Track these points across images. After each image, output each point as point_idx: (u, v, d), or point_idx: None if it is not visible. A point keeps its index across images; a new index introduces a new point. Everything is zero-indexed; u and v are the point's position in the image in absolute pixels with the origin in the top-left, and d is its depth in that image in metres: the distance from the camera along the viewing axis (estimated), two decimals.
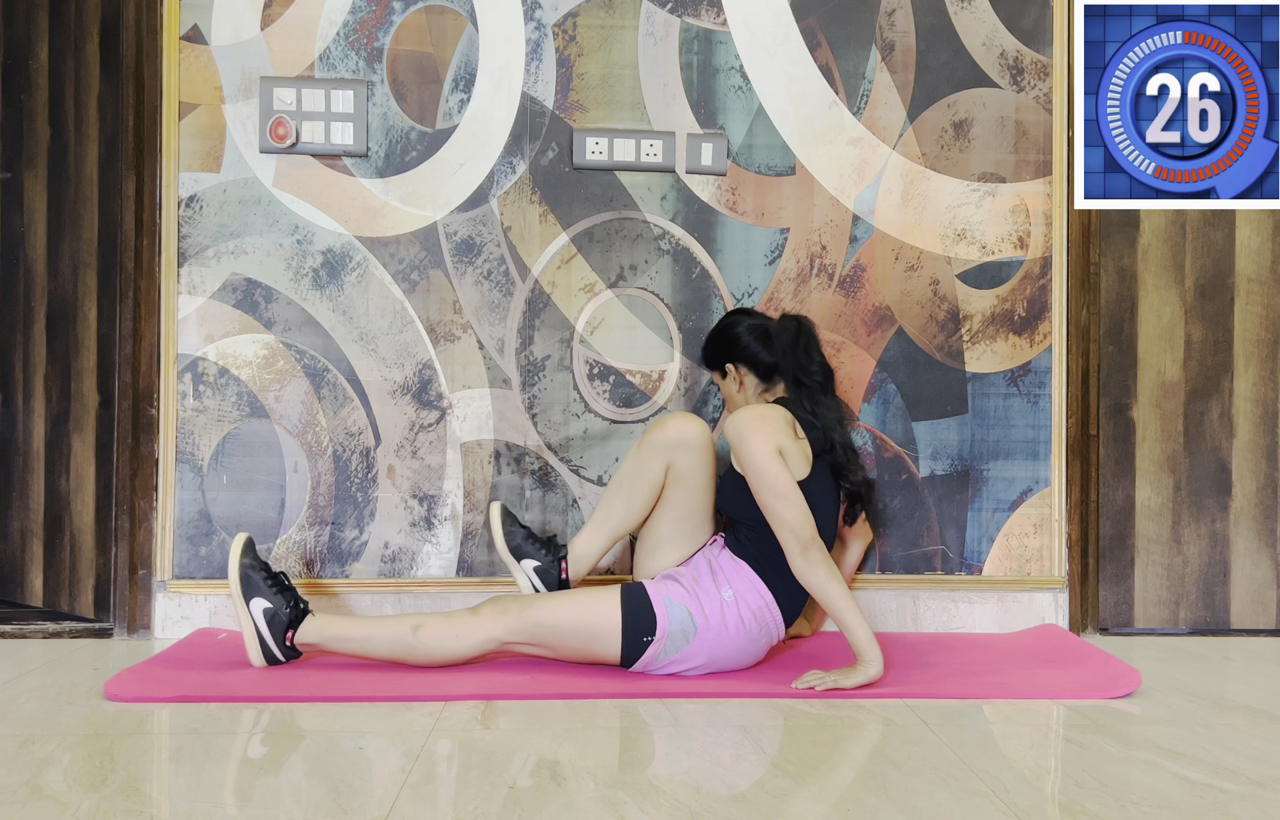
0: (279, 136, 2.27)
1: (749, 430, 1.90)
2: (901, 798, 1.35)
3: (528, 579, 2.07)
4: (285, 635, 1.93)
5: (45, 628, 2.24)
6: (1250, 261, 2.43)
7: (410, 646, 1.91)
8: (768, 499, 1.87)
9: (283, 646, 1.93)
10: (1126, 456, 2.41)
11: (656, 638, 1.89)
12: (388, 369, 2.31)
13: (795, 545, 1.86)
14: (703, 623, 1.90)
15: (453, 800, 1.33)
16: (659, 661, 1.91)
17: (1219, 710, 1.78)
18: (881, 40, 2.37)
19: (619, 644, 1.90)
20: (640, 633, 1.89)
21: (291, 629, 1.93)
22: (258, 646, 1.93)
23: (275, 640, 1.93)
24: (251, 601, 1.93)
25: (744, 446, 1.90)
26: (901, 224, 2.38)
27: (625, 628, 1.90)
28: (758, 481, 1.88)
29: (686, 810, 1.29)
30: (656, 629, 1.89)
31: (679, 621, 1.89)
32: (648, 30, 2.34)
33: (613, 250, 2.35)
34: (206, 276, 2.28)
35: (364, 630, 1.94)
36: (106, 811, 1.27)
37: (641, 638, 1.89)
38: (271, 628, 1.93)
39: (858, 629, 1.84)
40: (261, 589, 1.94)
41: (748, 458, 1.89)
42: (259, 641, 1.93)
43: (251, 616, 1.93)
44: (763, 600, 1.94)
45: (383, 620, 1.96)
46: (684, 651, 1.90)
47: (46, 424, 2.36)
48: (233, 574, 1.94)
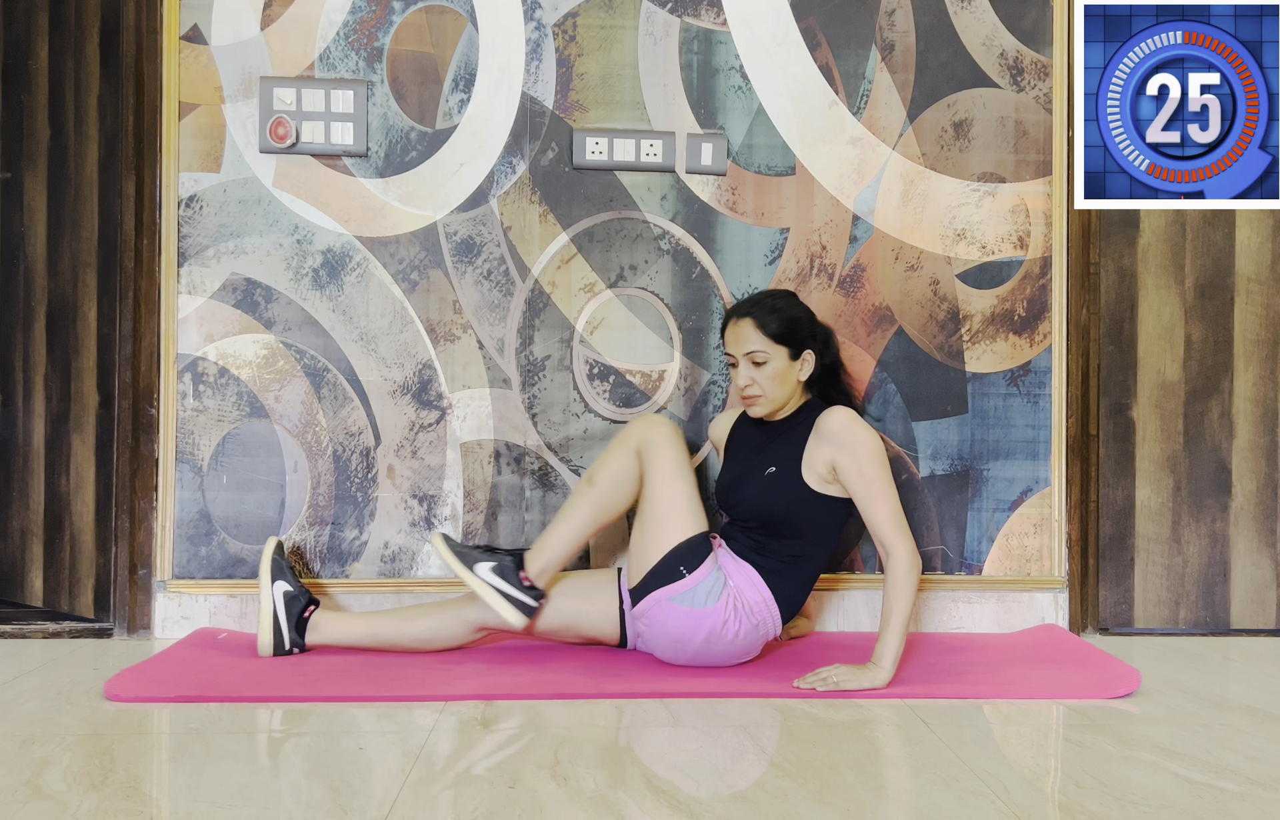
0: (279, 136, 2.27)
1: (864, 429, 1.95)
2: (901, 798, 1.35)
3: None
4: (295, 624, 2.05)
5: (45, 628, 2.24)
6: (1250, 261, 2.43)
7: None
8: (886, 491, 1.91)
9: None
10: (1126, 456, 2.41)
11: (694, 575, 1.91)
12: (388, 369, 2.31)
13: (909, 541, 1.89)
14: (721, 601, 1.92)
15: (453, 800, 1.33)
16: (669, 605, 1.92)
17: (1219, 710, 1.78)
18: (881, 40, 2.37)
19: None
20: (682, 562, 1.92)
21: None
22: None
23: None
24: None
25: (860, 444, 1.93)
26: (901, 224, 2.38)
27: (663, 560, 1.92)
28: (877, 476, 1.91)
29: (686, 810, 1.29)
30: (700, 569, 1.91)
31: (710, 582, 1.92)
32: (648, 30, 2.34)
33: (613, 250, 2.35)
34: (206, 276, 2.28)
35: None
36: (106, 811, 1.27)
37: (679, 567, 1.92)
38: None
39: (897, 642, 1.86)
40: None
41: (867, 456, 1.92)
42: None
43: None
44: (760, 597, 1.95)
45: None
46: (698, 612, 1.91)
47: (46, 424, 2.36)
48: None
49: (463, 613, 2.03)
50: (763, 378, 2.01)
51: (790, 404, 2.08)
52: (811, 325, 2.09)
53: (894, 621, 1.86)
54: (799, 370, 2.06)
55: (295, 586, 2.07)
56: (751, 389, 2.02)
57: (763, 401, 2.03)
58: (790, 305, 2.07)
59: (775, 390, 2.03)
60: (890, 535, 1.89)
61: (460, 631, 2.05)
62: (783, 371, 2.03)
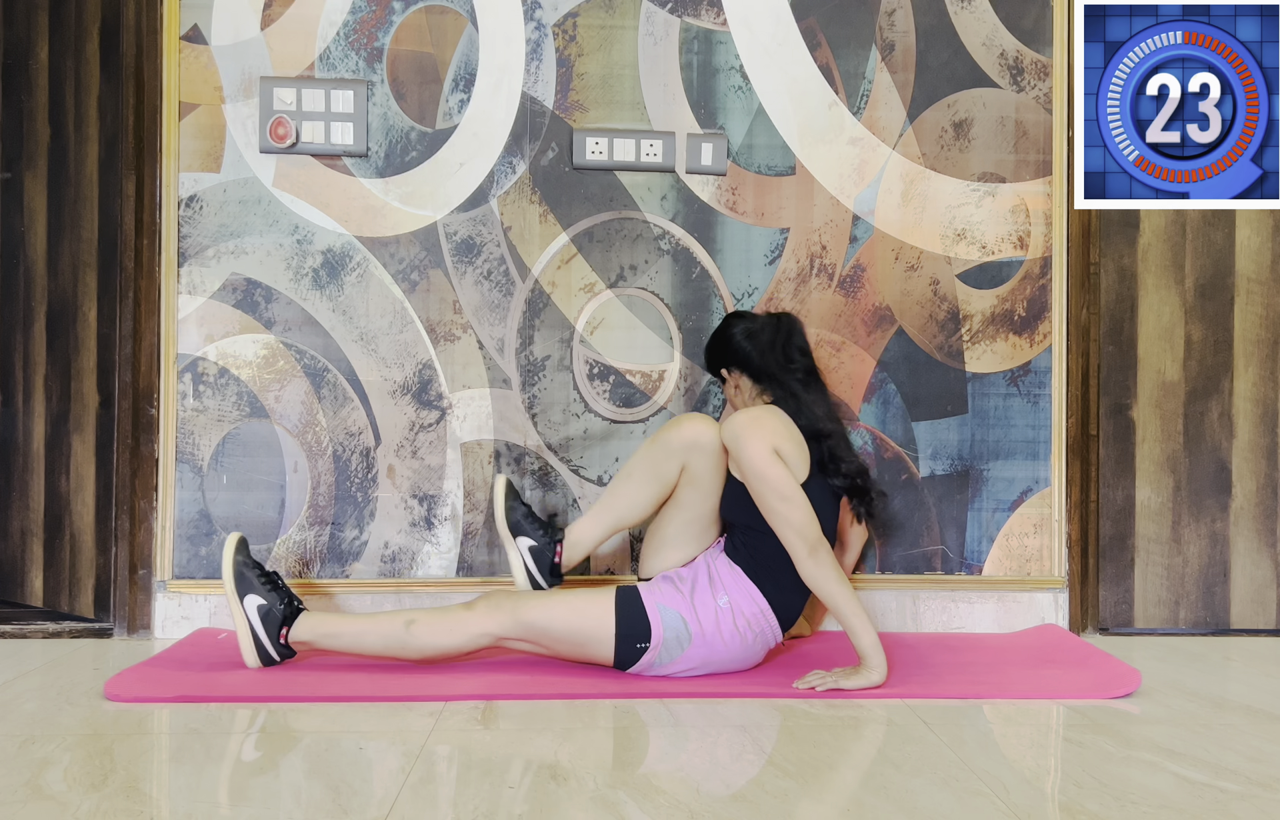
0: (279, 136, 2.27)
1: (744, 433, 1.87)
2: (901, 798, 1.35)
3: (520, 557, 2.04)
4: (279, 633, 1.92)
5: (45, 628, 2.24)
6: (1250, 261, 2.43)
7: (404, 642, 1.90)
8: (771, 501, 1.84)
9: (277, 644, 1.93)
10: (1126, 456, 2.41)
11: (651, 645, 1.88)
12: (388, 369, 2.31)
13: (802, 547, 1.83)
14: (697, 631, 1.88)
15: (453, 800, 1.33)
16: (654, 667, 1.90)
17: (1219, 710, 1.78)
18: (881, 40, 2.37)
19: (613, 649, 1.90)
20: (634, 639, 1.88)
21: (285, 627, 1.93)
22: (252, 645, 1.92)
23: (270, 638, 1.92)
24: (245, 598, 1.93)
25: (741, 450, 1.86)
26: (901, 224, 2.38)
27: (619, 633, 1.88)
28: (759, 484, 1.85)
29: (686, 810, 1.29)
30: (651, 637, 1.88)
31: (673, 629, 1.88)
32: (648, 30, 2.34)
33: (613, 250, 2.35)
34: (206, 276, 2.28)
35: (357, 626, 1.93)
36: (106, 811, 1.27)
37: (635, 644, 1.88)
38: (266, 625, 1.92)
39: (864, 633, 1.83)
40: (255, 586, 1.93)
41: (746, 461, 1.86)
42: (253, 639, 1.92)
43: (245, 614, 1.92)
44: (758, 607, 1.92)
45: (376, 616, 1.95)
46: (678, 658, 1.89)
47: (46, 424, 2.36)
48: (226, 571, 1.94)
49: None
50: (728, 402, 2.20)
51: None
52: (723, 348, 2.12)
53: (842, 615, 1.83)
54: (733, 390, 2.15)
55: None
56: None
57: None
58: (715, 331, 2.16)
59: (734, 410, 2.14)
60: (787, 544, 1.85)
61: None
62: (729, 394, 2.18)
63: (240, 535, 2.00)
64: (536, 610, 1.89)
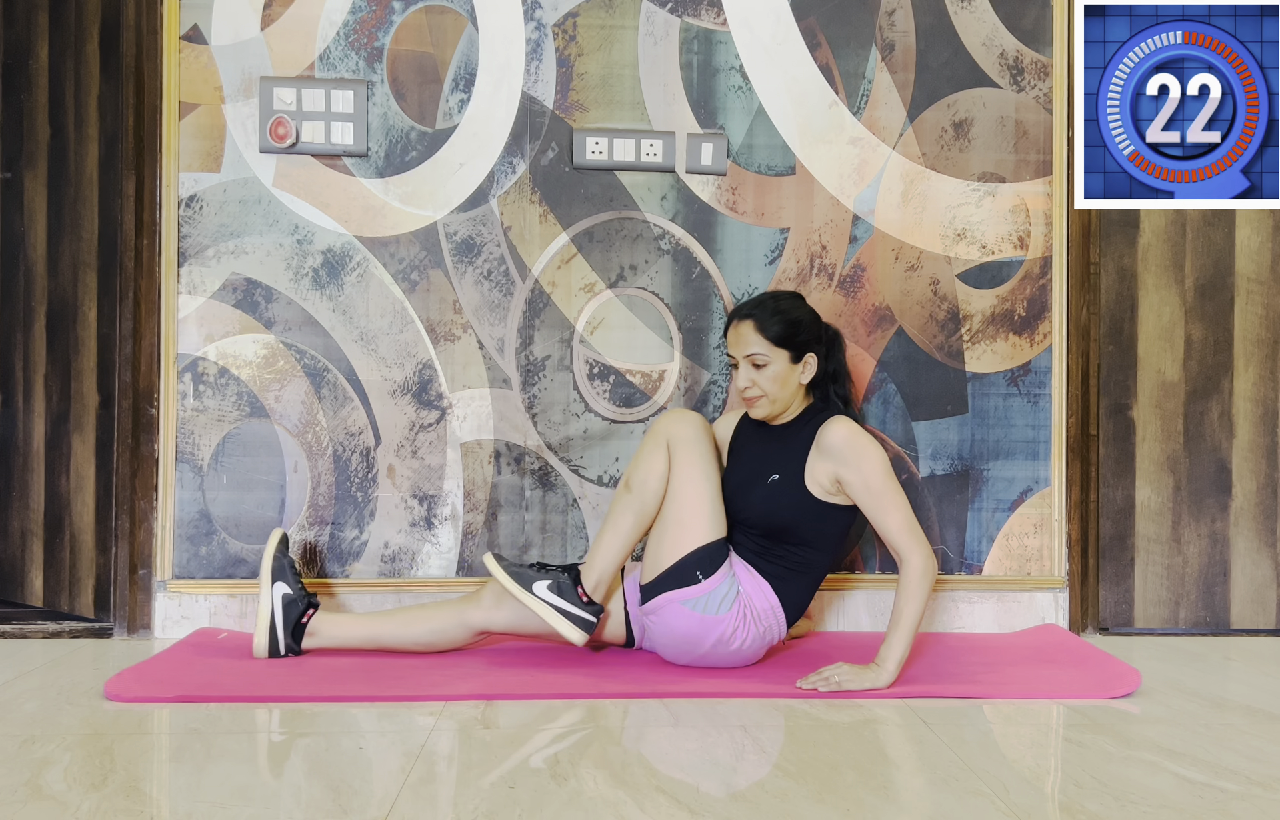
0: (279, 136, 2.27)
1: (867, 442, 1.93)
2: (901, 798, 1.35)
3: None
4: (294, 627, 2.02)
5: (45, 628, 2.24)
6: (1250, 261, 2.43)
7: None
8: (895, 500, 1.89)
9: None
10: (1126, 456, 2.41)
11: (709, 581, 1.91)
12: (388, 369, 2.31)
13: (924, 546, 1.88)
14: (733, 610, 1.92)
15: (453, 800, 1.33)
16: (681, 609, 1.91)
17: (1219, 710, 1.78)
18: (881, 40, 2.37)
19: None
20: (699, 567, 1.92)
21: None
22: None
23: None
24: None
25: (865, 459, 1.91)
26: (901, 224, 2.38)
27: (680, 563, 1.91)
28: (885, 487, 1.89)
29: (686, 809, 1.29)
30: (715, 575, 1.91)
31: (724, 589, 1.92)
32: (648, 30, 2.34)
33: (613, 250, 2.35)
34: (206, 276, 2.28)
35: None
36: (106, 811, 1.27)
37: (695, 571, 1.91)
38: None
39: (904, 646, 1.85)
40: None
41: (873, 470, 1.90)
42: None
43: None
44: (768, 603, 1.95)
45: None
46: (709, 619, 1.91)
47: (46, 424, 2.36)
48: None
49: (464, 617, 2.03)
50: (763, 380, 1.99)
51: (792, 407, 2.05)
52: (815, 328, 2.04)
53: (903, 625, 1.85)
54: (800, 374, 2.02)
55: (296, 590, 2.04)
56: (751, 391, 2.00)
57: (763, 403, 2.00)
58: (794, 307, 2.03)
59: (776, 392, 2.00)
60: (904, 543, 1.88)
61: (461, 636, 2.05)
62: (783, 375, 1.99)
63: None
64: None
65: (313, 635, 2.03)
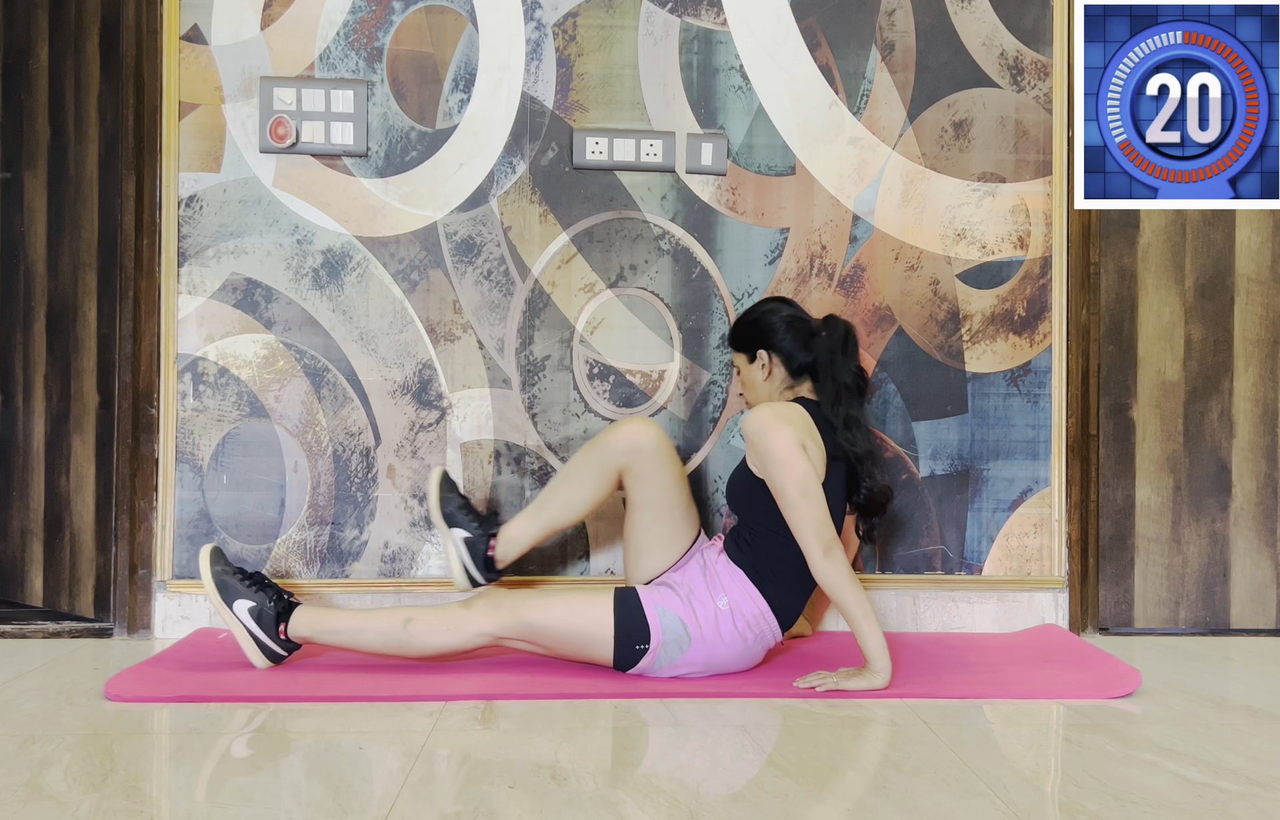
0: (279, 136, 2.27)
1: (772, 427, 1.86)
2: (901, 798, 1.35)
3: (456, 548, 2.07)
4: (277, 629, 1.94)
5: (45, 628, 2.24)
6: (1250, 261, 2.43)
7: (402, 640, 1.90)
8: (792, 495, 1.83)
9: (278, 640, 1.94)
10: (1126, 456, 2.42)
11: (650, 648, 1.88)
12: (388, 369, 2.31)
13: (818, 546, 1.82)
14: (696, 633, 1.88)
15: (453, 800, 1.33)
16: (654, 670, 1.90)
17: (1219, 710, 1.78)
18: (881, 40, 2.37)
19: (612, 649, 1.89)
20: (634, 640, 1.88)
21: (282, 622, 1.94)
22: (254, 646, 1.94)
23: (269, 635, 1.93)
24: (234, 604, 1.95)
25: (767, 442, 1.85)
26: (901, 224, 2.38)
27: (618, 634, 1.88)
28: (783, 477, 1.84)
29: (686, 810, 1.29)
30: (650, 638, 1.88)
31: (672, 631, 1.88)
32: (648, 30, 2.34)
33: (613, 250, 2.35)
34: (206, 276, 2.28)
35: (355, 623, 1.93)
36: (106, 811, 1.27)
37: (635, 646, 1.88)
38: (261, 624, 1.93)
39: (872, 636, 1.83)
40: (240, 591, 1.95)
41: (771, 454, 1.84)
42: (253, 640, 1.94)
43: (238, 619, 1.94)
44: (758, 608, 1.91)
45: (374, 613, 1.94)
46: (678, 660, 1.89)
47: (46, 424, 2.36)
48: (207, 584, 1.96)
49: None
50: (742, 385, 2.14)
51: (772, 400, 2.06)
52: (767, 327, 2.04)
53: (852, 617, 1.82)
54: (758, 372, 2.07)
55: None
56: (745, 395, 2.15)
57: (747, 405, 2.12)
58: (754, 310, 2.10)
59: (751, 395, 2.11)
60: (803, 542, 1.84)
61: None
62: (747, 378, 2.10)
63: (212, 546, 2.01)
64: (537, 610, 1.88)
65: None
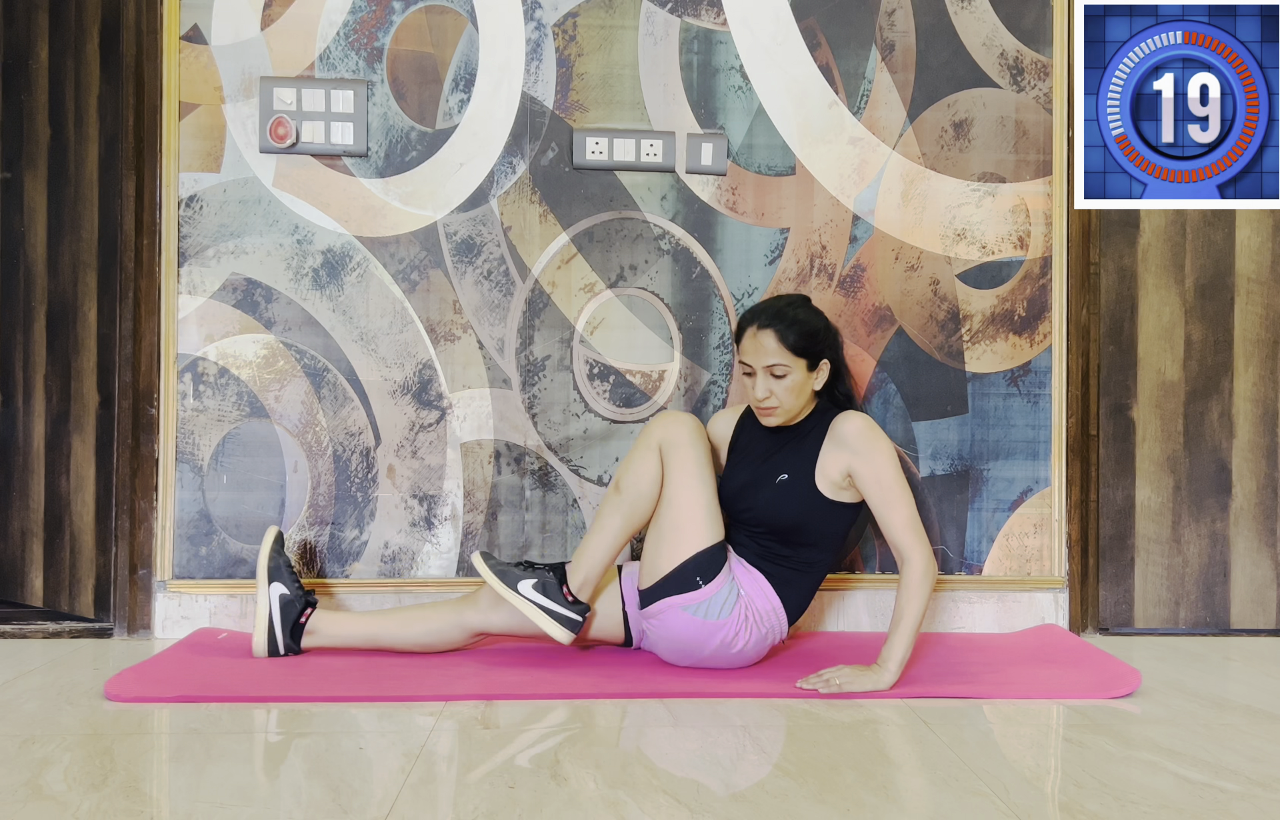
0: (279, 136, 2.27)
1: (880, 435, 1.96)
2: (901, 798, 1.35)
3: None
4: (292, 626, 2.02)
5: (45, 628, 2.24)
6: (1250, 261, 2.43)
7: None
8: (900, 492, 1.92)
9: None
10: (1126, 456, 2.41)
11: (710, 587, 1.90)
12: (388, 369, 2.31)
13: (923, 549, 1.88)
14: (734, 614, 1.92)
15: (453, 800, 1.33)
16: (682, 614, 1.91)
17: (1219, 710, 1.78)
18: (881, 40, 2.37)
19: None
20: (699, 573, 1.91)
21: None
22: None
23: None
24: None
25: (879, 440, 1.95)
26: (901, 224, 2.38)
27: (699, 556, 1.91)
28: (893, 472, 1.92)
29: (686, 810, 1.29)
30: (715, 580, 1.91)
31: (724, 594, 1.91)
32: (648, 30, 2.34)
33: (613, 250, 2.35)
34: (206, 276, 2.28)
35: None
36: (106, 811, 1.27)
37: (695, 577, 1.90)
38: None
39: (905, 647, 1.85)
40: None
41: (883, 451, 1.94)
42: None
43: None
44: (770, 605, 1.96)
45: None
46: (710, 624, 1.91)
47: (46, 424, 2.36)
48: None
49: (462, 618, 2.03)
50: (781, 390, 1.98)
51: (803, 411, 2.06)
52: (827, 334, 2.06)
53: (904, 625, 1.85)
54: (815, 380, 2.02)
55: (293, 589, 2.03)
56: (770, 401, 1.99)
57: (779, 413, 2.00)
58: (809, 316, 2.03)
59: (792, 402, 2.00)
60: (906, 541, 1.89)
61: (458, 637, 2.05)
62: (800, 383, 1.99)
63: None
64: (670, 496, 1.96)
65: (312, 633, 2.04)
